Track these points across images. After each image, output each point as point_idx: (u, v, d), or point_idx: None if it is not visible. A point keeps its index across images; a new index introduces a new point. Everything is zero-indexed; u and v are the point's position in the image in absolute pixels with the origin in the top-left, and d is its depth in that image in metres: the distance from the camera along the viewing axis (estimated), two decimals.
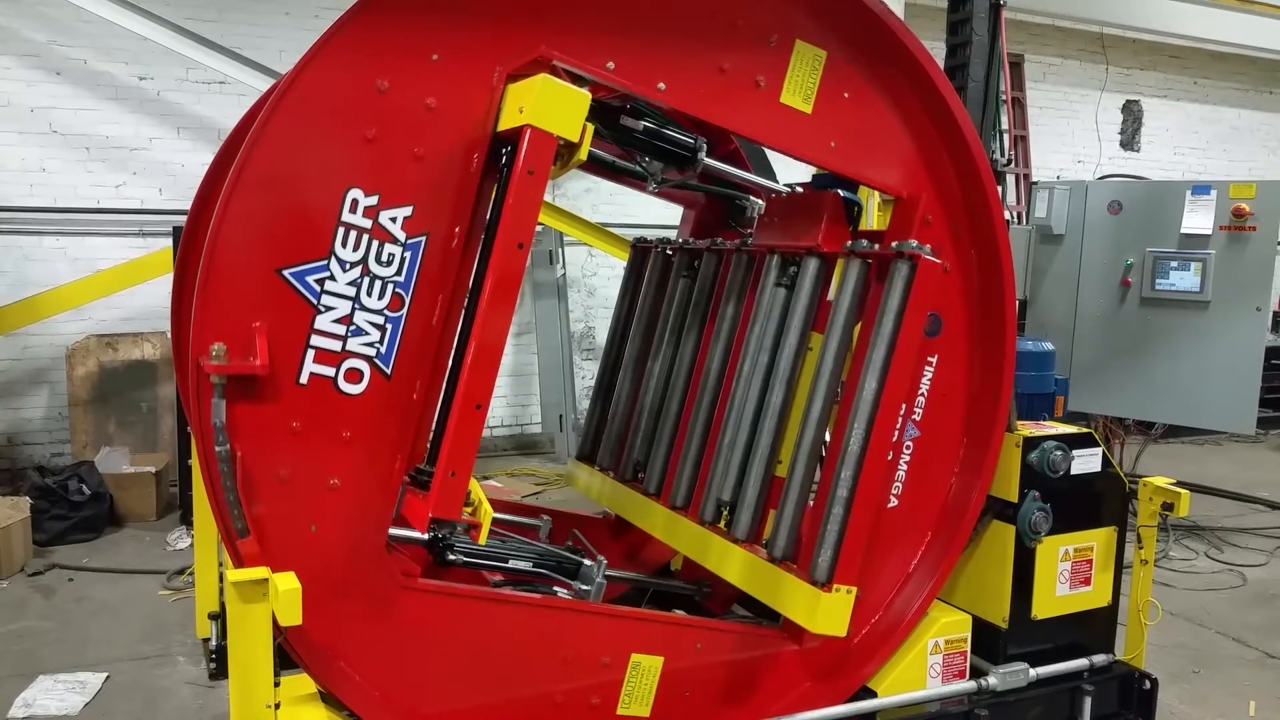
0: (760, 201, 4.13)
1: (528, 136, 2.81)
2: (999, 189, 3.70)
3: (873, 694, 3.66)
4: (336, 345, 2.85)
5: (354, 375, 2.88)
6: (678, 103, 3.16)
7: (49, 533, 7.16)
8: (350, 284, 2.84)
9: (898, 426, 3.44)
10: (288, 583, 2.50)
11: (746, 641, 3.59)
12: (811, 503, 3.42)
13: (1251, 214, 7.35)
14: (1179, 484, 3.97)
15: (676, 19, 3.11)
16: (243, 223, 2.70)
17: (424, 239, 2.89)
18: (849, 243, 3.48)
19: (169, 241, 8.05)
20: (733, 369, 3.89)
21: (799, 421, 3.52)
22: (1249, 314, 7.47)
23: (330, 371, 2.85)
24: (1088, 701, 3.86)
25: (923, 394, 3.63)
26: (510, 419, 10.69)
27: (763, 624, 3.73)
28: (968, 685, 3.74)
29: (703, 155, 3.60)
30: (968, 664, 3.78)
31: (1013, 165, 10.95)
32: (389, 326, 2.90)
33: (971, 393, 3.72)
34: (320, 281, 2.80)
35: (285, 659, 2.80)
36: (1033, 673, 3.78)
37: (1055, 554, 3.81)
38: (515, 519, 4.51)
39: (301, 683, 2.89)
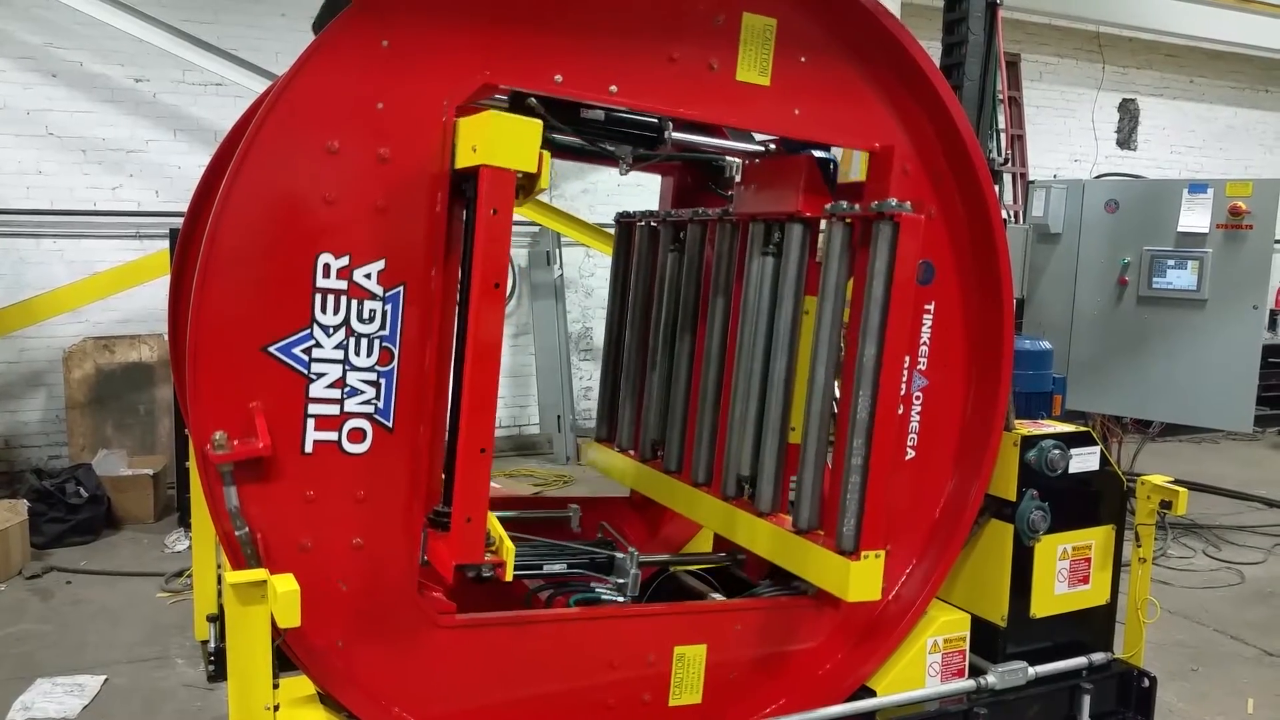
0: (738, 159, 4.08)
1: (485, 177, 2.73)
2: (995, 187, 3.66)
3: (872, 693, 3.66)
4: (334, 409, 2.82)
5: (357, 435, 2.86)
6: (632, 102, 3.12)
7: (47, 535, 7.15)
8: (337, 347, 2.80)
9: (904, 382, 3.42)
10: (286, 585, 2.49)
11: (783, 615, 3.62)
12: (830, 465, 3.45)
13: (1248, 212, 7.36)
14: (1177, 482, 3.97)
15: (619, 19, 3.03)
16: (219, 306, 2.66)
17: (402, 289, 2.85)
18: (829, 205, 3.42)
19: (166, 244, 8.06)
20: (734, 341, 3.87)
21: (805, 390, 3.53)
22: (1246, 312, 7.48)
23: (333, 436, 2.83)
24: (1086, 700, 3.86)
25: (925, 343, 3.58)
26: (508, 420, 10.68)
27: (797, 593, 3.70)
28: (967, 684, 3.74)
29: (669, 132, 3.55)
30: (966, 663, 3.78)
31: (1009, 164, 10.96)
32: (383, 381, 2.87)
33: (971, 332, 3.67)
34: (307, 350, 2.77)
35: (284, 661, 2.80)
36: (1031, 671, 3.78)
37: (1053, 552, 3.81)
38: (546, 514, 4.52)
39: (300, 684, 2.88)
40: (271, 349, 2.74)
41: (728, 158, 4.20)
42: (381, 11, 2.72)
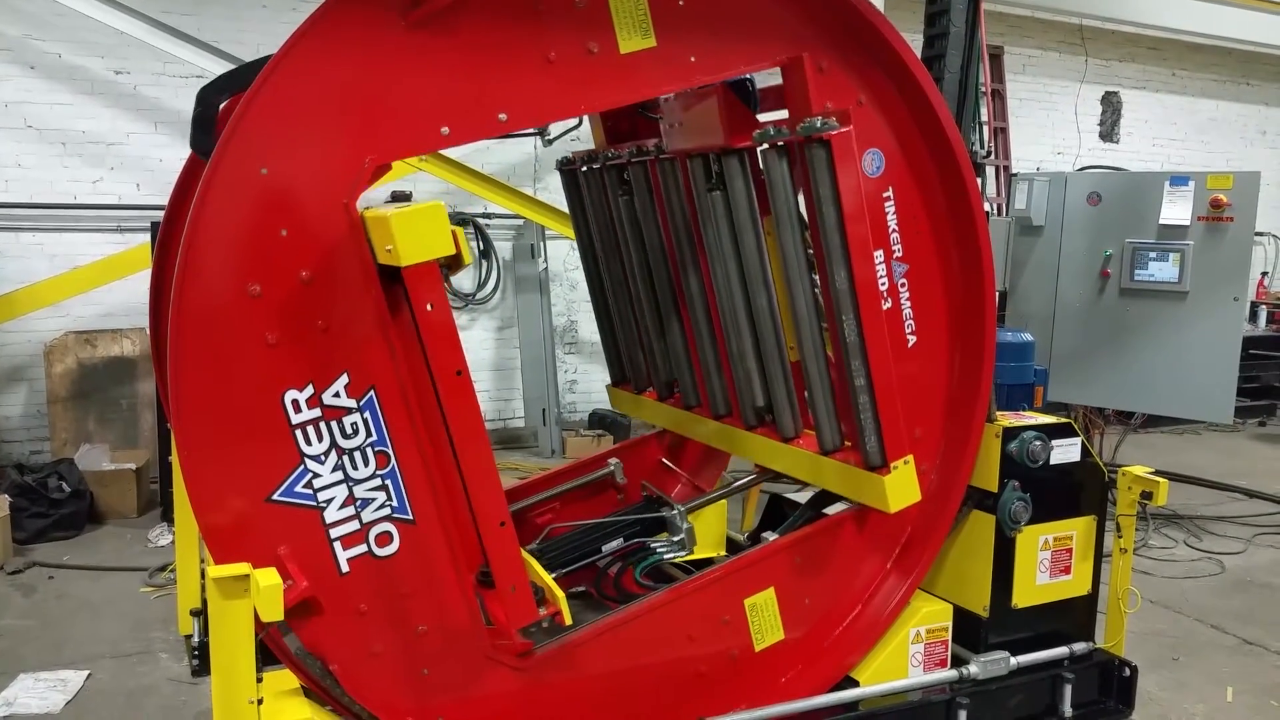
0: None
1: (409, 279, 2.71)
2: (978, 180, 3.66)
3: (855, 683, 3.68)
4: (354, 525, 2.88)
5: (384, 539, 2.92)
6: (525, 122, 3.02)
7: (29, 531, 7.11)
8: (334, 469, 2.83)
9: (882, 279, 3.42)
10: (269, 578, 2.49)
11: (836, 533, 3.68)
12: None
13: (1229, 205, 7.40)
14: (1158, 473, 3.99)
15: (488, 37, 2.89)
16: (212, 483, 2.69)
17: (373, 392, 2.85)
18: (757, 133, 3.33)
19: (147, 237, 8.01)
20: (709, 278, 3.87)
21: (791, 318, 3.55)
22: (1227, 304, 7.52)
23: (362, 549, 2.89)
24: (1068, 689, 3.89)
25: (894, 230, 3.51)
26: (493, 413, 10.67)
27: (841, 510, 3.74)
28: (949, 674, 3.77)
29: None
30: (949, 653, 3.80)
31: (992, 157, 10.99)
32: (388, 482, 2.90)
33: (931, 200, 3.56)
34: (309, 484, 2.81)
35: (268, 655, 2.80)
36: (1013, 661, 3.81)
37: (1035, 543, 3.84)
38: (589, 478, 4.62)
39: (284, 678, 2.89)
40: (275, 497, 2.78)
41: None
42: (249, 140, 2.64)
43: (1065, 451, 3.84)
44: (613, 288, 4.60)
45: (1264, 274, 13.83)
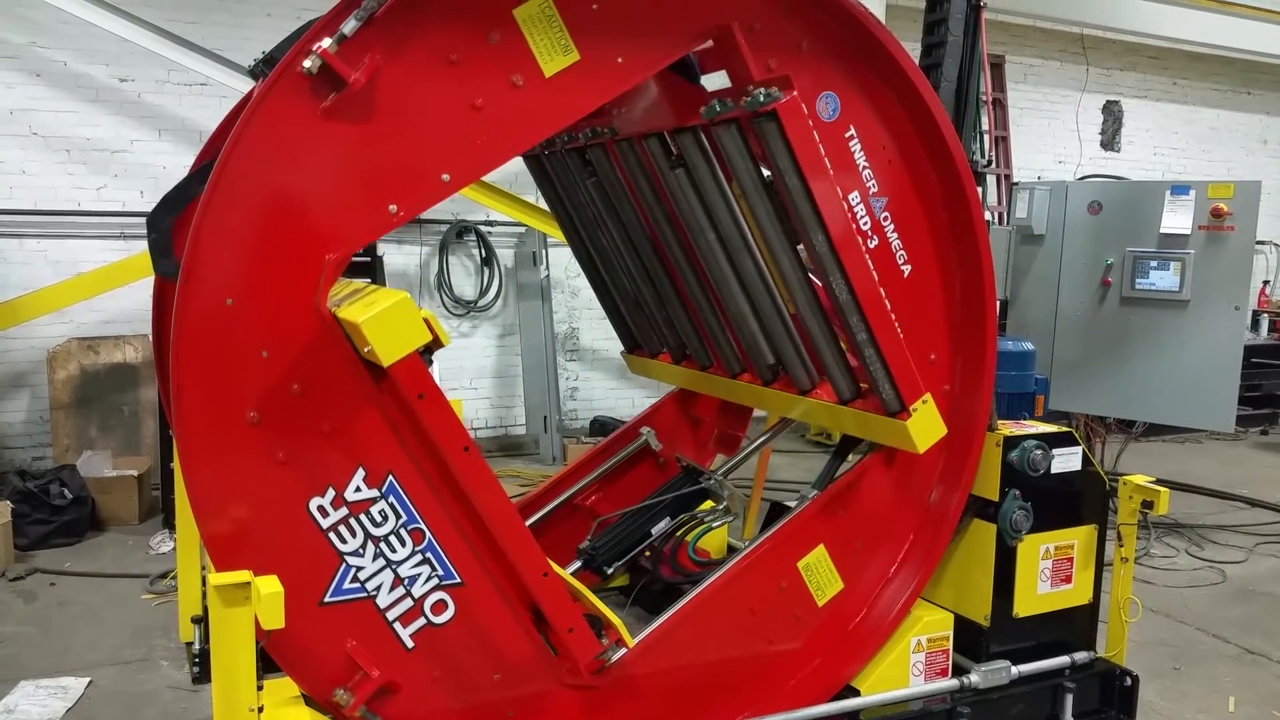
0: None
1: (394, 376, 2.72)
2: (979, 190, 3.66)
3: (856, 692, 3.68)
4: (408, 603, 2.97)
5: (439, 607, 3.01)
6: (470, 176, 2.94)
7: (30, 537, 7.11)
8: (375, 558, 2.91)
9: (864, 219, 3.41)
10: (270, 586, 2.49)
11: (872, 474, 3.70)
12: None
13: (1230, 214, 7.41)
14: (1159, 482, 4.00)
15: (410, 120, 2.79)
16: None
17: (391, 476, 2.90)
18: (703, 109, 3.25)
19: None
20: (693, 249, 3.86)
21: (781, 280, 3.55)
22: (1228, 313, 7.52)
23: (421, 622, 2.99)
24: (1069, 699, 3.88)
25: (864, 167, 3.43)
26: (494, 420, 10.68)
27: (867, 452, 3.78)
28: (950, 683, 3.76)
29: None
30: (950, 662, 3.80)
31: (993, 166, 10.99)
32: (429, 555, 2.97)
33: (900, 134, 3.47)
34: (355, 579, 2.89)
35: (268, 662, 2.80)
36: (1014, 670, 3.80)
37: (1036, 552, 3.84)
38: (627, 451, 4.69)
39: (284, 686, 2.88)
40: (327, 600, 2.86)
41: None
42: (206, 279, 2.63)
43: (1066, 460, 3.84)
44: (602, 263, 4.58)
45: (1265, 283, 13.84)
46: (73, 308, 8.53)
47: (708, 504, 4.15)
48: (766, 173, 3.35)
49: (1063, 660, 3.95)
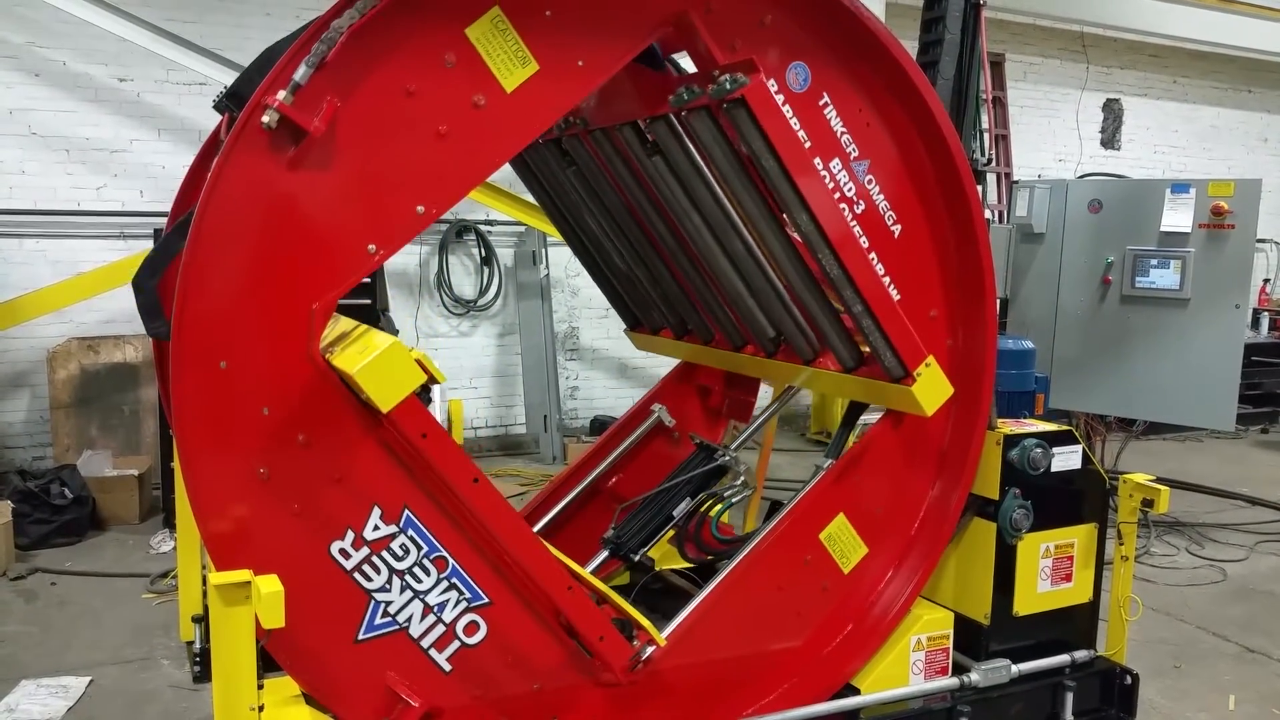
0: None
1: (394, 421, 2.73)
2: (979, 187, 3.65)
3: (856, 691, 3.68)
4: (440, 629, 3.01)
5: (471, 628, 3.05)
6: (445, 204, 2.89)
7: (31, 536, 7.11)
8: (402, 591, 2.94)
9: (848, 185, 3.35)
10: (270, 585, 2.49)
11: (883, 439, 3.70)
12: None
13: (1230, 212, 7.41)
14: (1159, 480, 3.99)
15: (377, 156, 2.76)
16: (290, 647, 2.81)
17: (407, 510, 2.92)
18: (671, 98, 3.19)
19: (150, 243, 8.02)
20: (680, 231, 3.85)
21: (771, 260, 3.54)
22: (1228, 311, 7.52)
23: (455, 645, 3.03)
24: (1069, 697, 3.88)
25: (842, 133, 3.34)
26: (494, 420, 10.68)
27: (874, 420, 3.79)
28: (950, 682, 3.76)
29: None
30: (950, 661, 3.80)
31: (993, 164, 10.99)
32: (454, 579, 3.00)
33: (872, 92, 3.38)
34: (385, 613, 2.93)
35: (269, 662, 2.80)
36: (1015, 669, 3.80)
37: (1036, 551, 3.84)
38: (642, 429, 4.70)
39: (285, 685, 2.89)
40: (361, 638, 2.91)
41: None
42: (197, 348, 2.64)
43: (1066, 459, 3.84)
44: (592, 245, 4.55)
45: (1265, 281, 13.84)
46: (73, 307, 8.53)
47: (725, 479, 4.14)
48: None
49: (1063, 659, 3.94)
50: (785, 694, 3.62)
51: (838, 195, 3.33)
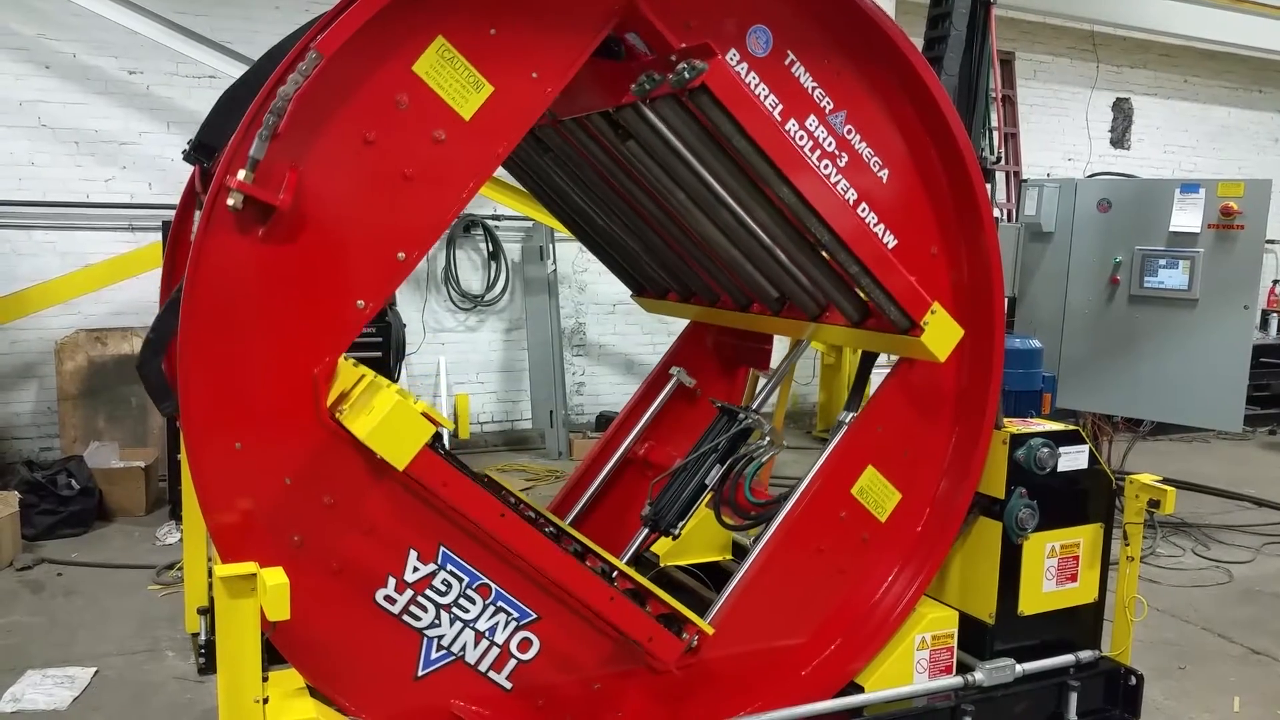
0: None
1: (415, 475, 2.78)
2: (987, 186, 3.63)
3: (860, 689, 3.68)
4: (495, 651, 3.10)
5: (525, 645, 3.13)
6: (426, 244, 2.87)
7: (38, 527, 7.14)
8: (452, 623, 3.02)
9: (828, 140, 3.32)
10: (275, 577, 2.50)
11: (900, 385, 3.70)
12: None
13: (1239, 212, 7.37)
14: (1166, 481, 3.99)
15: (349, 212, 2.74)
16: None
17: (442, 547, 2.97)
18: (634, 87, 3.10)
19: (159, 236, 8.03)
20: (668, 207, 3.83)
21: (763, 227, 3.52)
22: (1237, 312, 7.49)
23: (512, 664, 3.13)
24: (1073, 697, 3.88)
25: (814, 89, 3.27)
26: (500, 415, 10.68)
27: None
28: (954, 681, 3.76)
29: None
30: (954, 660, 3.80)
31: (1002, 163, 10.97)
32: (500, 603, 3.07)
33: (837, 36, 3.30)
34: (439, 646, 3.02)
35: (274, 654, 2.81)
36: (1019, 668, 3.80)
37: (1042, 550, 3.83)
38: (661, 400, 4.74)
39: (290, 677, 2.89)
40: (420, 674, 3.00)
41: None
42: (209, 432, 2.68)
43: (1073, 459, 3.84)
44: (583, 221, 4.55)
45: (1275, 282, 13.77)
46: (81, 299, 8.56)
47: (753, 438, 4.13)
48: None
49: (1068, 659, 3.94)
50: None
51: (818, 154, 3.27)
